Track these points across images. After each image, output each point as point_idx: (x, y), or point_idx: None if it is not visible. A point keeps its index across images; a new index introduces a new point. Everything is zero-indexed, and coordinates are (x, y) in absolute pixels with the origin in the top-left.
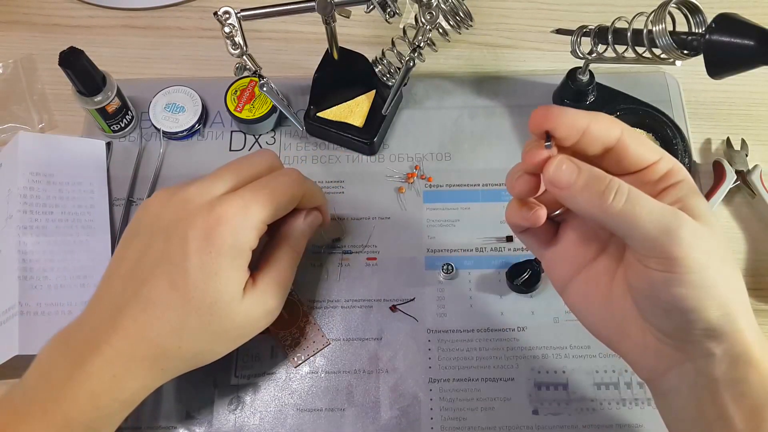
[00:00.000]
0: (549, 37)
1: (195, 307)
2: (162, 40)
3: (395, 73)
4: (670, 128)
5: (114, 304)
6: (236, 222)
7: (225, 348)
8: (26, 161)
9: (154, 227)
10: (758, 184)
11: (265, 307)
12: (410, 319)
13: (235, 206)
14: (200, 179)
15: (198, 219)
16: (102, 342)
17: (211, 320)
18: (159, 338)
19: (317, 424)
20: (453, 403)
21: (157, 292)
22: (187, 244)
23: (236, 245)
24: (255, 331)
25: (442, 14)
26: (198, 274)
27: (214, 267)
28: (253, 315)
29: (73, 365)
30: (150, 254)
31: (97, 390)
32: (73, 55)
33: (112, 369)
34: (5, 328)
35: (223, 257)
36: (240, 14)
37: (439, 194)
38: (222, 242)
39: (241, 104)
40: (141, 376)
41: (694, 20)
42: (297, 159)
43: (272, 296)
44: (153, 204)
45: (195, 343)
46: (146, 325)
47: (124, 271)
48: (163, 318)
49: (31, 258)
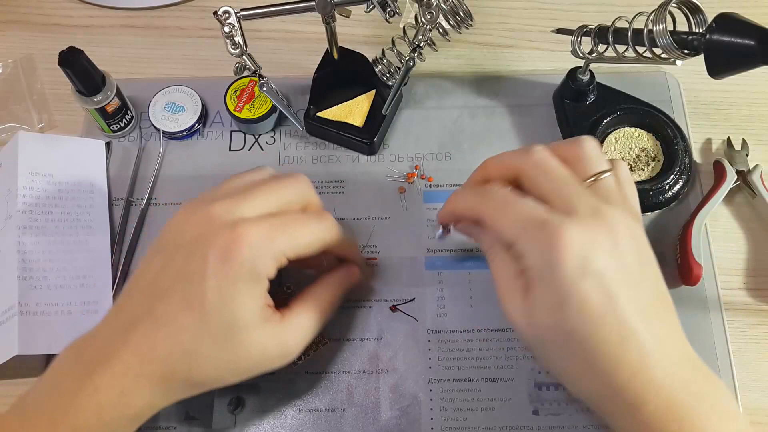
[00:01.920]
0: (549, 36)
1: (209, 331)
2: (162, 40)
3: (395, 72)
4: (671, 128)
5: (129, 317)
6: (258, 247)
7: (234, 377)
8: (26, 161)
9: (177, 242)
10: (759, 184)
11: (282, 347)
12: (410, 319)
13: (259, 231)
14: (228, 195)
15: (219, 238)
16: (112, 356)
17: (225, 346)
18: (169, 358)
19: (317, 424)
20: (453, 403)
21: (172, 311)
22: (206, 263)
23: (254, 271)
24: (267, 368)
25: (442, 14)
26: (215, 296)
27: (232, 291)
28: (268, 350)
29: (82, 376)
30: (169, 270)
31: (104, 404)
32: (73, 54)
33: (121, 384)
34: (5, 328)
35: (240, 282)
36: (240, 14)
37: (439, 194)
38: (240, 266)
39: (240, 104)
40: (148, 394)
41: (695, 20)
42: (297, 159)
43: (292, 338)
44: (178, 218)
45: (205, 369)
46: (158, 343)
47: (143, 285)
48: (176, 338)
49: (30, 258)
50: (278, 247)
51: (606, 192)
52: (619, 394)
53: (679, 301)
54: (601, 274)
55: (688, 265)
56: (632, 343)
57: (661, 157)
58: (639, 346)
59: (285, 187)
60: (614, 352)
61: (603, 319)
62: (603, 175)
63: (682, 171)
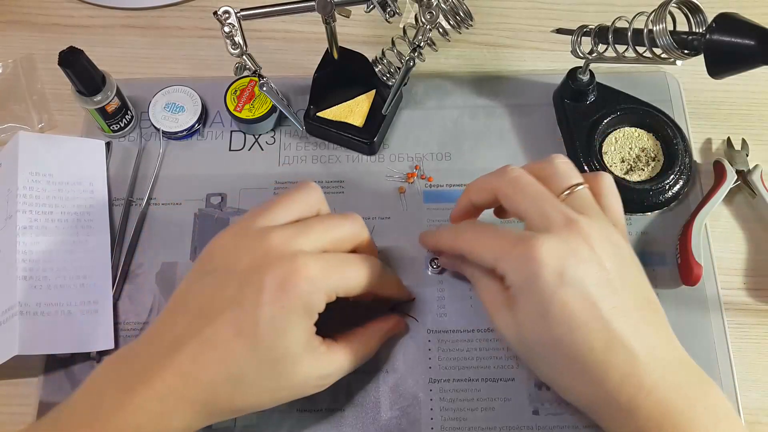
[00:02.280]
0: (549, 36)
1: (258, 360)
2: (162, 40)
3: (395, 72)
4: (671, 128)
5: (174, 338)
6: (314, 282)
7: (272, 403)
8: (26, 161)
9: (230, 268)
10: (759, 184)
11: (322, 378)
12: (410, 319)
13: (318, 267)
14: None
15: (278, 268)
16: (155, 375)
17: (271, 376)
18: (213, 383)
19: (317, 424)
20: (453, 403)
21: (222, 336)
22: (262, 292)
23: (308, 305)
24: (302, 395)
25: (442, 14)
26: (268, 326)
27: (285, 323)
28: (310, 380)
29: (123, 394)
30: (221, 296)
31: (142, 424)
32: (73, 54)
33: (162, 406)
34: (5, 327)
35: (294, 315)
36: (240, 14)
37: (439, 194)
38: (297, 299)
39: (240, 104)
40: (188, 418)
41: (695, 20)
42: (297, 159)
43: (333, 370)
44: (227, 242)
45: (248, 396)
46: (204, 368)
47: (192, 307)
48: (224, 363)
49: (30, 258)
50: (332, 284)
51: (581, 203)
52: (612, 400)
53: (679, 301)
54: (579, 282)
55: (688, 265)
56: (619, 348)
57: (661, 157)
58: (626, 351)
59: (341, 225)
60: (602, 358)
61: (587, 326)
62: (577, 188)
63: (682, 171)
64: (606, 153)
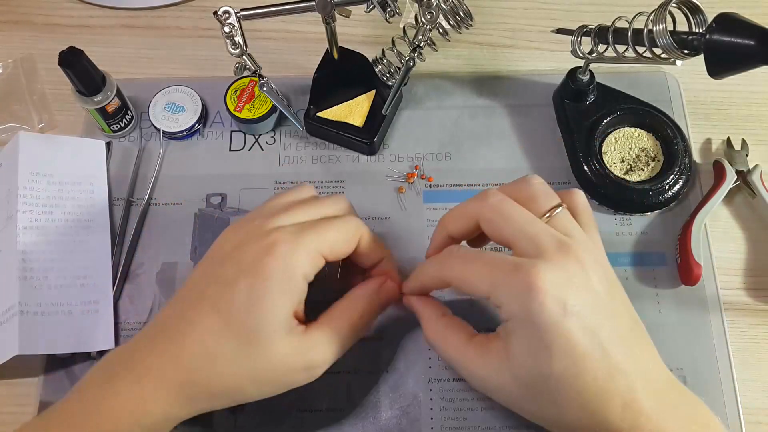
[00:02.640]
0: (549, 36)
1: (234, 332)
2: (162, 40)
3: (395, 72)
4: (671, 128)
5: (160, 326)
6: (288, 246)
7: (256, 389)
8: (26, 161)
9: (216, 255)
10: (758, 184)
11: (306, 361)
12: (410, 319)
13: (289, 232)
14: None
15: (253, 245)
16: (137, 360)
17: (248, 351)
18: (190, 363)
19: (317, 424)
20: (453, 403)
21: (200, 315)
22: (240, 267)
23: (287, 269)
24: (290, 384)
25: (442, 14)
26: (243, 296)
27: (262, 290)
28: (290, 363)
29: (104, 382)
30: (205, 277)
31: (121, 409)
32: (73, 54)
33: (140, 389)
34: (5, 327)
35: (272, 281)
36: (240, 14)
37: (439, 194)
38: (273, 265)
39: (241, 104)
40: (165, 401)
41: (695, 20)
42: (297, 159)
43: (317, 353)
44: (223, 235)
45: (225, 376)
46: (182, 348)
47: (181, 295)
48: (200, 340)
49: (31, 258)
50: (307, 243)
51: (564, 225)
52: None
53: (679, 301)
54: (580, 311)
55: (688, 265)
56: (620, 375)
57: (661, 157)
58: (626, 378)
59: (324, 205)
60: (604, 387)
61: (591, 356)
62: (556, 210)
63: (682, 171)
64: (606, 153)
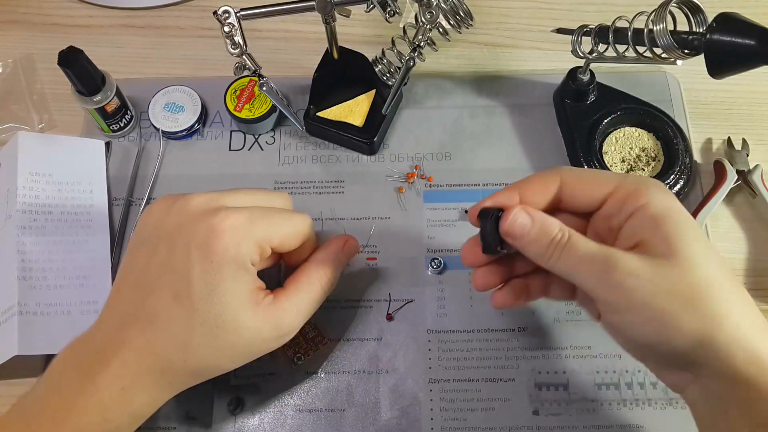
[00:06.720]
0: (549, 36)
1: (200, 320)
2: (161, 40)
3: (395, 72)
4: (671, 128)
5: (122, 315)
6: (239, 233)
7: (232, 363)
8: (25, 161)
9: (159, 233)
10: (759, 183)
11: (277, 328)
12: (410, 319)
13: (239, 218)
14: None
15: (200, 226)
16: (111, 355)
17: (218, 333)
18: (165, 351)
19: (317, 424)
20: (453, 403)
21: (161, 304)
22: (190, 252)
23: (237, 257)
24: (264, 350)
25: (442, 13)
26: (201, 285)
27: (217, 278)
28: (262, 333)
29: (83, 378)
30: (154, 263)
31: (106, 402)
32: (73, 54)
33: (121, 382)
34: (4, 328)
35: (225, 268)
36: (239, 13)
37: (439, 194)
38: (224, 252)
39: (240, 104)
40: (148, 389)
41: (695, 19)
42: (297, 159)
43: (286, 318)
44: (156, 209)
45: (201, 357)
46: (152, 338)
47: (132, 281)
48: (168, 331)
49: (30, 258)
50: (259, 232)
51: None
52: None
53: None
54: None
55: None
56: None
57: (662, 157)
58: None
59: (269, 193)
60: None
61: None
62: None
63: (683, 171)
64: (606, 153)
